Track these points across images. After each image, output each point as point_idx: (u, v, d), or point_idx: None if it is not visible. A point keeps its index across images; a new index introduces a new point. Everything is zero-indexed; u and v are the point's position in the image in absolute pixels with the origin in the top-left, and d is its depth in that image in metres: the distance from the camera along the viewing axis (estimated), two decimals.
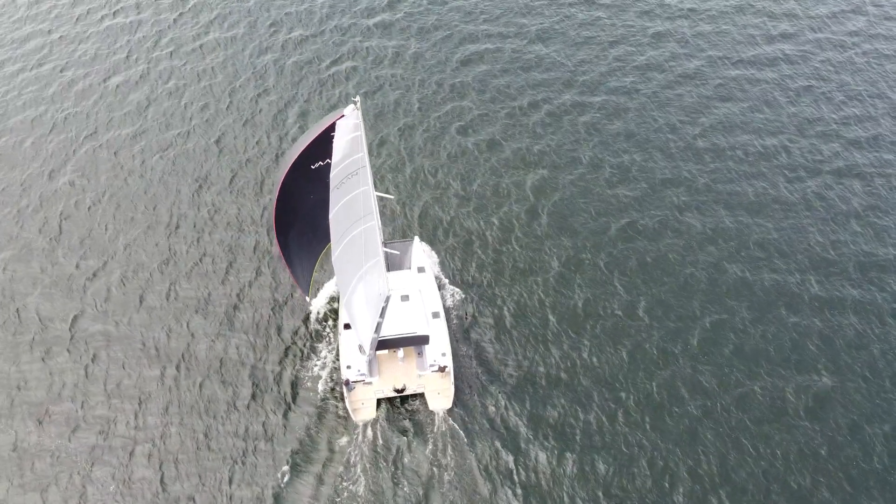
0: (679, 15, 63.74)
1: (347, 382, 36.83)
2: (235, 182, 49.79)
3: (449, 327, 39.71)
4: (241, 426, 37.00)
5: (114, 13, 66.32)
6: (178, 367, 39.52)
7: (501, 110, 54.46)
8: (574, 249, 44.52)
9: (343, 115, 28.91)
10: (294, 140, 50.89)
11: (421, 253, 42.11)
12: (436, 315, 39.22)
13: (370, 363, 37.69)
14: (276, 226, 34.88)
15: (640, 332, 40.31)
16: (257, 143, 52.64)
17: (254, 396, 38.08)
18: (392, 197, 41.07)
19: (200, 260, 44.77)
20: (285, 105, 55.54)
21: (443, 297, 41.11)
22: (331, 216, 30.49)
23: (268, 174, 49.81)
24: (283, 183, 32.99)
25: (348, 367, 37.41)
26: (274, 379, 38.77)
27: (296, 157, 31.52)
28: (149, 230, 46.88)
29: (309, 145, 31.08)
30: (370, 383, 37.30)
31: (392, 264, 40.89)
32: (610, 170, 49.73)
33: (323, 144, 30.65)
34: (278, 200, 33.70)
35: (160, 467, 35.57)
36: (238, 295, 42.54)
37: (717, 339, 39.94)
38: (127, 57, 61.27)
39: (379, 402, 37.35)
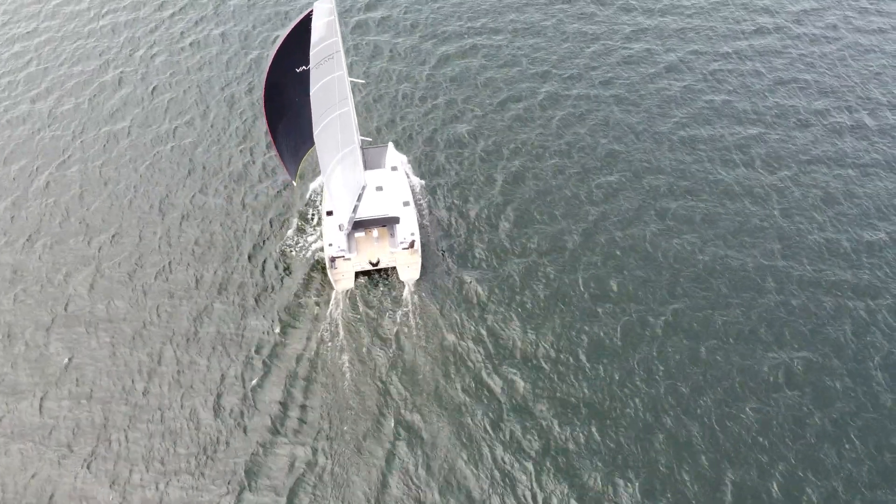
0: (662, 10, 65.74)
1: (333, 259, 42.61)
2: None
3: (418, 214, 45.63)
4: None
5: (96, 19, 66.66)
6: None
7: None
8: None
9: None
10: None
11: (394, 155, 48.03)
12: (406, 203, 45.11)
13: (349, 242, 43.56)
14: (268, 120, 40.31)
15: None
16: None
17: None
18: (362, 82, 46.94)
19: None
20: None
21: (413, 191, 47.02)
22: (311, 93, 36.29)
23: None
24: (268, 78, 38.23)
25: (330, 244, 43.23)
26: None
27: (276, 49, 36.82)
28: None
29: (287, 39, 36.20)
30: (349, 259, 43.13)
31: (369, 165, 46.88)
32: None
33: (304, 46, 36.23)
34: (266, 97, 39.01)
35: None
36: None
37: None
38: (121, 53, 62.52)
39: (357, 274, 43.23)
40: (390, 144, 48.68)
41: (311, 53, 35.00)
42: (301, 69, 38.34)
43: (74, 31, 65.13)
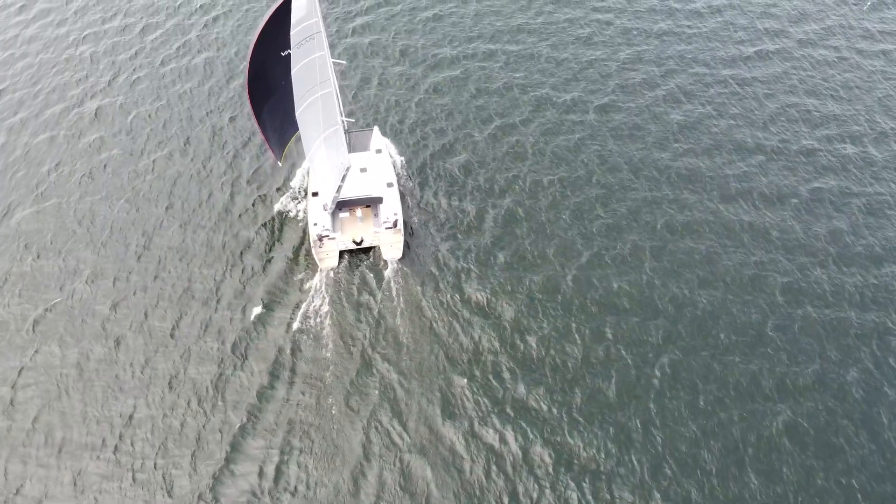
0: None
1: (321, 238, 43.57)
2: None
3: (401, 196, 46.62)
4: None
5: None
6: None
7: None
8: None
9: None
10: None
11: (379, 139, 49.01)
12: (389, 185, 46.08)
13: (334, 221, 44.56)
14: (251, 102, 41.31)
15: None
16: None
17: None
18: (344, 62, 47.94)
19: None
20: None
21: (397, 173, 48.00)
22: (293, 73, 37.30)
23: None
24: (251, 60, 39.15)
25: (315, 224, 44.22)
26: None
27: (259, 32, 37.68)
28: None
29: (269, 22, 37.06)
30: (334, 238, 44.12)
31: (354, 148, 47.92)
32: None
33: (289, 29, 37.18)
34: (250, 79, 39.93)
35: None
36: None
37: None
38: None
39: (342, 253, 44.22)
40: (375, 128, 49.63)
41: (291, 34, 35.98)
42: (286, 52, 39.29)
43: (53, 57, 61.63)
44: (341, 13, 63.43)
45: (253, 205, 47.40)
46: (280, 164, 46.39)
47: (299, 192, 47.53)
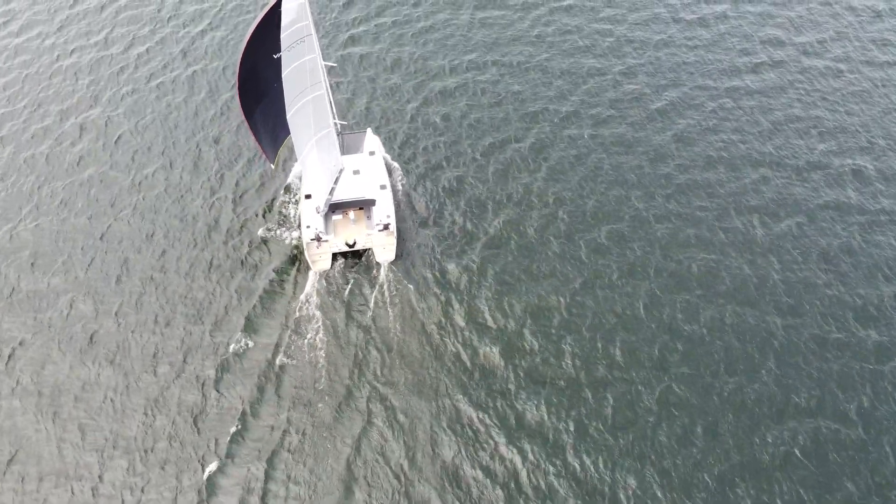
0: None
1: (318, 240, 43.30)
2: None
3: (394, 198, 46.42)
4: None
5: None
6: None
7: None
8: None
9: None
10: None
11: (372, 140, 48.81)
12: (382, 187, 45.92)
13: (326, 224, 44.36)
14: (242, 104, 41.01)
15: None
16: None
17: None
18: (335, 65, 47.67)
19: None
20: None
21: (390, 175, 47.79)
22: (283, 75, 37.07)
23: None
24: (241, 63, 38.92)
25: (308, 226, 44.04)
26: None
27: (249, 35, 37.54)
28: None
29: (260, 25, 36.99)
30: (327, 240, 43.94)
31: (347, 150, 47.72)
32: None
33: (278, 33, 36.92)
34: (241, 81, 39.67)
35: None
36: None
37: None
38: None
39: (334, 256, 44.05)
40: (369, 130, 49.49)
41: (281, 36, 35.76)
42: (278, 55, 39.09)
43: (37, 73, 60.17)
44: (331, 27, 62.06)
45: (240, 229, 46.05)
46: (273, 167, 46.16)
47: (287, 218, 46.91)
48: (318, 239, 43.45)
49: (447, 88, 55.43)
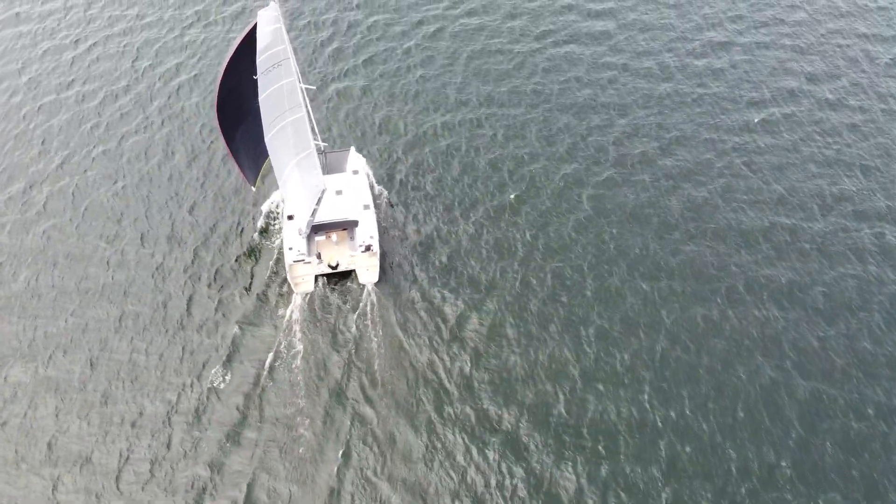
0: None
1: (297, 263, 42.99)
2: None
3: (378, 218, 46.15)
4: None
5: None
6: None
7: None
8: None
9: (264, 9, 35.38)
10: None
11: (356, 159, 48.60)
12: (366, 207, 45.67)
13: (309, 245, 44.13)
14: (221, 126, 40.77)
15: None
16: None
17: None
18: (314, 88, 47.44)
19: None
20: None
21: (373, 194, 47.56)
22: (260, 99, 36.91)
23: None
24: (221, 85, 38.81)
25: (290, 248, 43.79)
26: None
27: (229, 58, 37.52)
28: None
29: (240, 47, 37.06)
30: (309, 262, 43.70)
31: (330, 169, 47.49)
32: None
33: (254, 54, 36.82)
34: (219, 103, 39.52)
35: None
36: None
37: None
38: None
39: (317, 278, 43.78)
40: (352, 149, 49.25)
41: (257, 61, 35.61)
42: (256, 77, 39.00)
43: (1, 132, 55.38)
44: (318, 78, 57.51)
45: (216, 309, 42.83)
46: (254, 189, 45.94)
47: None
48: (301, 261, 43.23)
49: (439, 149, 52.41)
